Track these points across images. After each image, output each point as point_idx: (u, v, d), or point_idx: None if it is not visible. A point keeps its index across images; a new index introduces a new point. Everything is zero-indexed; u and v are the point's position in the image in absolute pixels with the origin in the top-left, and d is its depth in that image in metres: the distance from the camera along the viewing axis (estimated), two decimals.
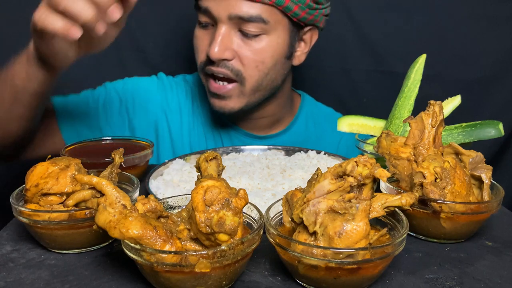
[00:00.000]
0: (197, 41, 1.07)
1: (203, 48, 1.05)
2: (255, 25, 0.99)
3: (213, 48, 0.99)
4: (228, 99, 1.06)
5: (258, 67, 1.03)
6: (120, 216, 0.51)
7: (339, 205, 0.53)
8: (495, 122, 0.84)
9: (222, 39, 1.00)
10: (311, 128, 1.25)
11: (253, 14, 0.98)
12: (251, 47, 1.01)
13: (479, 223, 0.67)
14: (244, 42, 1.01)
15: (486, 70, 1.39)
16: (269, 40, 1.02)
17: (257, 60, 1.02)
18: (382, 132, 0.75)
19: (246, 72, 1.03)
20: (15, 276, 0.58)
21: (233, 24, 1.00)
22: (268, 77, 1.06)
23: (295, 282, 0.57)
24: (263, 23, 0.99)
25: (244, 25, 0.99)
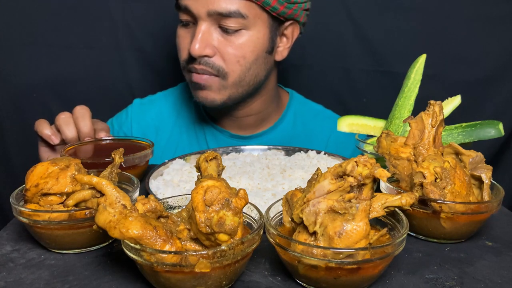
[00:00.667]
0: (179, 39, 1.08)
1: (185, 46, 1.06)
2: (234, 21, 1.00)
3: (194, 45, 1.00)
4: (209, 89, 1.07)
5: (239, 62, 1.04)
6: (120, 216, 0.51)
7: (339, 205, 0.53)
8: (495, 122, 0.84)
9: (203, 36, 1.01)
10: (299, 126, 1.25)
11: (232, 9, 0.99)
12: (231, 43, 1.02)
13: (479, 223, 0.67)
14: (225, 38, 1.02)
15: (486, 70, 1.40)
16: (249, 35, 1.03)
17: (238, 55, 1.03)
18: (382, 132, 0.75)
19: (228, 68, 1.04)
20: (15, 276, 0.58)
21: (212, 21, 1.01)
22: (250, 72, 1.07)
23: (295, 282, 0.57)
24: (242, 18, 1.00)
25: (223, 21, 1.00)
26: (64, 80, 1.44)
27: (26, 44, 1.41)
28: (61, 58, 1.42)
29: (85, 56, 1.44)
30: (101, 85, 1.46)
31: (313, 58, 1.45)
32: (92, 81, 1.46)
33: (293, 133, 1.24)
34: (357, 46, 1.43)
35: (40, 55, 1.41)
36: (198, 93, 1.09)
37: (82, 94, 1.45)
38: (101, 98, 1.46)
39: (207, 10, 0.99)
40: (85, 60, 1.44)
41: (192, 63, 1.04)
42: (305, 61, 1.44)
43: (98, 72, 1.45)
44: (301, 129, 1.25)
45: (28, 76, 1.43)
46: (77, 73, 1.44)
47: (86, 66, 1.44)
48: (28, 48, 1.41)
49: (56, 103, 1.44)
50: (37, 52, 1.41)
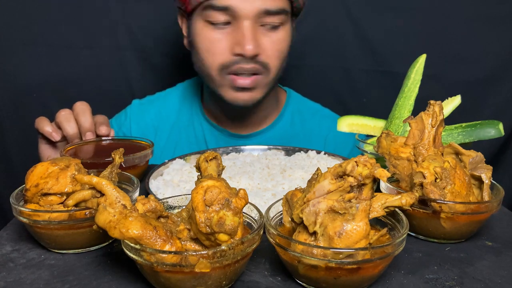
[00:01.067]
0: (211, 43, 1.04)
1: (223, 49, 1.03)
2: (277, 17, 1.03)
3: (247, 45, 1.00)
4: (254, 90, 1.08)
5: (279, 57, 1.07)
6: (120, 216, 0.51)
7: (339, 205, 0.53)
8: (495, 122, 0.84)
9: (253, 35, 1.01)
10: (297, 125, 1.25)
11: (280, 7, 1.02)
12: (272, 39, 1.04)
13: (479, 223, 0.67)
14: (266, 35, 1.04)
15: (486, 70, 1.40)
16: (285, 30, 1.06)
17: (279, 50, 1.06)
18: (382, 132, 0.75)
19: (271, 63, 1.06)
20: (15, 276, 0.58)
21: (256, 19, 1.01)
22: (282, 67, 1.10)
23: (295, 282, 0.57)
24: (285, 14, 1.04)
25: (267, 18, 1.02)
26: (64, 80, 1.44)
27: (26, 44, 1.41)
28: (61, 58, 1.42)
29: (85, 56, 1.44)
30: (101, 85, 1.46)
31: (313, 58, 1.45)
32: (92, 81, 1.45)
33: (291, 131, 1.24)
34: (357, 46, 1.43)
35: (40, 55, 1.41)
36: (239, 95, 1.08)
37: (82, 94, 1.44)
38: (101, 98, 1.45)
39: (257, 9, 0.99)
40: (85, 60, 1.44)
41: (239, 64, 1.03)
42: (305, 61, 1.44)
43: (98, 72, 1.45)
44: (299, 128, 1.25)
45: (28, 76, 1.42)
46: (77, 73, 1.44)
47: (86, 66, 1.44)
48: (28, 48, 1.41)
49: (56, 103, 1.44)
50: (37, 52, 1.41)
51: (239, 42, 1.00)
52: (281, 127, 1.24)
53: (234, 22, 1.01)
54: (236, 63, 1.03)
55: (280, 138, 1.22)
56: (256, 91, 1.08)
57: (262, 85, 1.08)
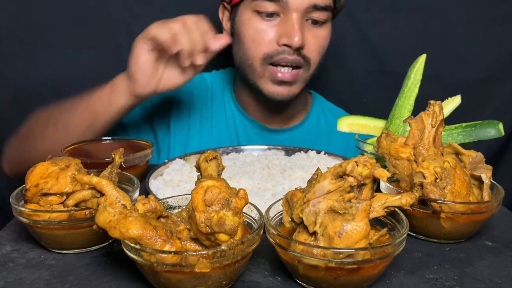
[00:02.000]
0: (260, 32, 1.06)
1: (270, 39, 1.05)
2: (324, 14, 1.05)
3: (294, 37, 1.01)
4: (293, 84, 1.09)
5: (320, 53, 1.09)
6: (120, 216, 0.51)
7: (339, 205, 0.53)
8: (495, 122, 0.84)
9: (301, 28, 1.03)
10: (322, 125, 1.27)
11: (327, 3, 1.04)
12: (316, 34, 1.07)
13: (479, 223, 0.67)
14: (312, 30, 1.06)
15: (486, 70, 1.40)
16: (328, 27, 1.09)
17: (321, 46, 1.09)
18: (382, 132, 0.75)
19: (313, 58, 1.08)
20: (15, 276, 0.58)
21: (305, 13, 1.03)
22: (320, 63, 1.12)
23: (295, 282, 0.57)
24: (331, 11, 1.07)
25: (314, 13, 1.04)
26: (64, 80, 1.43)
27: (26, 44, 1.41)
28: (61, 58, 1.42)
29: (85, 56, 1.43)
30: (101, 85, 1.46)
31: None
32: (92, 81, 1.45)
33: (317, 131, 1.26)
34: (357, 46, 1.43)
35: (40, 55, 1.41)
36: (278, 89, 1.09)
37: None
38: None
39: (307, 2, 1.01)
40: (85, 60, 1.44)
41: (283, 54, 1.05)
42: None
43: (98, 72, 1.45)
44: (324, 128, 1.27)
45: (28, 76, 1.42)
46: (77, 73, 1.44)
47: (86, 66, 1.44)
48: (28, 48, 1.41)
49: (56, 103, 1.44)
50: (37, 52, 1.41)
51: (287, 34, 1.02)
52: (308, 126, 1.25)
53: (282, 14, 1.04)
54: (280, 53, 1.05)
55: (307, 136, 1.24)
56: (295, 86, 1.10)
57: (301, 80, 1.10)
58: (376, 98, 1.43)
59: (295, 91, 1.11)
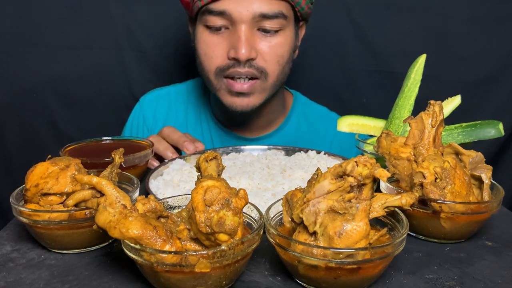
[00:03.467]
0: (209, 47, 1.05)
1: (219, 53, 1.04)
2: (276, 22, 1.02)
3: (240, 49, 1.00)
4: (251, 95, 1.07)
5: (278, 62, 1.06)
6: (120, 216, 0.51)
7: (339, 205, 0.53)
8: (495, 122, 0.84)
9: (247, 39, 1.00)
10: (304, 128, 1.25)
11: (276, 10, 1.01)
12: (271, 43, 1.04)
13: (479, 223, 0.67)
14: (264, 39, 1.04)
15: (486, 70, 1.40)
16: (286, 34, 1.05)
17: (278, 55, 1.05)
18: (382, 132, 0.75)
19: (269, 68, 1.05)
20: (15, 276, 0.58)
21: (253, 23, 1.01)
22: (283, 71, 1.09)
23: (295, 282, 0.57)
24: (283, 19, 1.03)
25: (264, 22, 1.01)
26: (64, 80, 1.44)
27: (26, 44, 1.41)
28: (61, 58, 1.42)
29: (85, 56, 1.43)
30: (101, 85, 1.46)
31: (313, 58, 1.45)
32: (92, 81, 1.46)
33: (297, 135, 1.24)
34: (357, 46, 1.43)
35: (40, 55, 1.41)
36: (236, 100, 1.07)
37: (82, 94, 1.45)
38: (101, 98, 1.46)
39: (252, 13, 0.99)
40: (85, 60, 1.44)
41: (234, 67, 1.03)
42: (305, 61, 1.44)
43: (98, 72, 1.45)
44: (305, 131, 1.25)
45: (28, 76, 1.42)
46: (77, 73, 1.44)
47: (86, 66, 1.44)
48: (28, 48, 1.41)
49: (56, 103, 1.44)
50: (37, 52, 1.41)
51: (234, 46, 1.01)
52: (287, 130, 1.24)
53: (231, 26, 1.02)
54: (231, 67, 1.03)
55: (286, 141, 1.22)
56: (253, 97, 1.07)
57: (259, 90, 1.07)
58: (376, 98, 1.43)
59: (255, 102, 1.08)
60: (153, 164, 0.95)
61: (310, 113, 1.28)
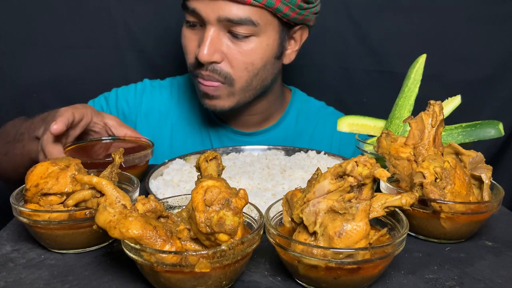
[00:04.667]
0: (185, 41, 1.05)
1: (192, 49, 1.03)
2: (245, 28, 0.97)
3: (202, 50, 0.97)
4: (218, 98, 1.05)
5: (247, 69, 1.02)
6: (120, 216, 0.51)
7: (339, 205, 0.53)
8: (495, 122, 0.84)
9: (211, 42, 0.98)
10: (302, 123, 1.25)
11: (243, 16, 0.96)
12: (240, 49, 1.00)
13: (479, 223, 0.67)
14: (234, 44, 1.00)
15: (486, 70, 1.39)
16: (259, 41, 1.00)
17: (247, 61, 1.01)
18: (382, 132, 0.75)
19: (235, 74, 1.02)
20: (15, 276, 0.58)
21: (222, 26, 0.98)
22: (257, 77, 1.05)
23: (295, 282, 0.57)
24: (252, 26, 0.97)
25: (233, 27, 0.98)
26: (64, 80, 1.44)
27: (26, 44, 1.41)
28: (61, 58, 1.42)
29: (85, 56, 1.43)
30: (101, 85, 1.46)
31: (313, 58, 1.45)
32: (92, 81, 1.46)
33: (295, 130, 1.24)
34: (357, 46, 1.42)
35: (40, 55, 1.41)
36: (206, 101, 1.07)
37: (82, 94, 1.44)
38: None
39: (217, 15, 0.96)
40: (85, 60, 1.44)
41: (198, 68, 1.02)
42: (305, 61, 1.44)
43: (98, 72, 1.45)
44: (304, 126, 1.25)
45: (28, 76, 1.43)
46: (77, 73, 1.44)
47: (86, 66, 1.44)
48: (28, 48, 1.41)
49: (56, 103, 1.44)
50: (37, 52, 1.41)
51: (199, 46, 0.99)
52: (285, 126, 1.24)
53: (203, 25, 1.00)
54: (196, 67, 1.03)
55: (284, 136, 1.22)
56: (222, 100, 1.05)
57: (226, 94, 1.04)
58: (376, 98, 1.43)
59: (224, 104, 1.06)
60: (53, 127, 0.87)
61: (308, 109, 1.27)
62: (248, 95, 1.08)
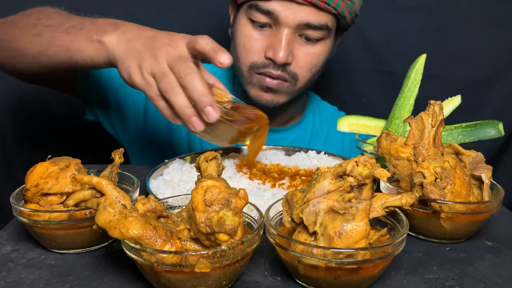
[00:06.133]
0: (249, 41, 1.05)
1: (258, 48, 1.04)
2: (319, 32, 1.02)
3: (279, 52, 1.00)
4: (278, 93, 1.08)
5: (311, 70, 1.07)
6: (120, 216, 0.51)
7: (339, 205, 0.53)
8: (495, 122, 0.84)
9: (288, 44, 1.01)
10: (318, 124, 1.28)
11: (322, 22, 1.01)
12: (309, 51, 1.04)
13: (479, 223, 0.67)
14: (304, 46, 1.04)
15: (486, 70, 1.40)
16: (325, 45, 1.06)
17: (313, 63, 1.06)
18: (382, 132, 0.75)
19: (300, 74, 1.06)
20: (15, 276, 0.58)
21: (297, 29, 1.01)
22: (313, 79, 1.10)
23: (295, 282, 0.57)
24: (326, 31, 1.03)
25: (308, 30, 1.01)
26: None
27: None
28: None
29: None
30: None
31: None
32: None
33: (312, 131, 1.26)
34: (357, 46, 1.43)
35: None
36: (263, 95, 1.08)
37: None
38: None
39: (299, 20, 0.99)
40: None
41: (268, 67, 1.04)
42: None
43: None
44: (319, 128, 1.28)
45: None
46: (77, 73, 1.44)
47: None
48: None
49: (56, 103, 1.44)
50: None
51: (273, 47, 1.01)
52: (304, 126, 1.26)
53: (274, 27, 1.02)
54: (265, 66, 1.04)
55: (302, 137, 1.24)
56: (280, 95, 1.08)
57: (286, 91, 1.08)
58: (376, 98, 1.43)
59: (279, 99, 1.09)
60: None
61: (323, 111, 1.30)
62: (297, 95, 1.12)
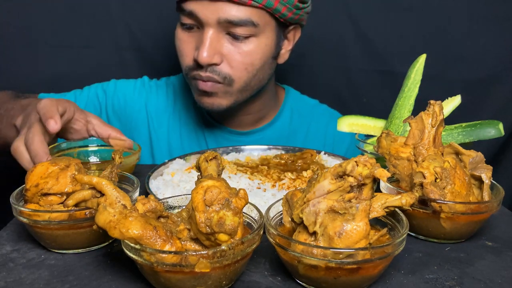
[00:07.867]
0: (180, 44, 1.04)
1: (188, 51, 1.02)
2: (244, 29, 0.97)
3: (202, 52, 0.97)
4: (215, 95, 1.05)
5: (247, 69, 1.02)
6: (120, 216, 0.51)
7: (339, 205, 0.53)
8: (495, 122, 0.84)
9: (211, 43, 0.97)
10: (296, 121, 1.25)
11: (243, 17, 0.96)
12: (240, 50, 1.00)
13: (479, 223, 0.67)
14: (233, 45, 1.00)
15: (486, 70, 1.39)
16: (258, 42, 1.01)
17: (247, 62, 1.01)
18: (382, 132, 0.75)
19: (234, 75, 1.02)
20: (15, 276, 0.58)
21: (221, 28, 0.98)
22: (256, 78, 1.05)
23: (295, 282, 0.57)
24: (253, 26, 0.98)
25: (233, 28, 0.97)
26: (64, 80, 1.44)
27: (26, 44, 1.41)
28: (61, 57, 1.42)
29: (85, 56, 1.43)
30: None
31: (313, 58, 1.45)
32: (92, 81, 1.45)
33: (290, 128, 1.25)
34: (357, 46, 1.42)
35: (40, 55, 1.41)
36: (203, 99, 1.06)
37: None
38: None
39: (217, 17, 0.96)
40: (85, 60, 1.44)
41: (196, 70, 1.01)
42: (305, 61, 1.44)
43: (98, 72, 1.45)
44: (298, 124, 1.25)
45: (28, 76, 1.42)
46: (77, 73, 1.44)
47: (86, 66, 1.44)
48: (28, 48, 1.41)
49: None
50: (37, 52, 1.41)
51: (198, 48, 0.99)
52: (280, 124, 1.24)
53: (200, 28, 1.00)
54: (195, 68, 1.02)
55: (279, 135, 1.22)
56: (219, 98, 1.05)
57: (223, 92, 1.04)
58: (376, 98, 1.43)
59: (221, 102, 1.05)
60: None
61: (302, 106, 1.28)
62: (245, 95, 1.08)
